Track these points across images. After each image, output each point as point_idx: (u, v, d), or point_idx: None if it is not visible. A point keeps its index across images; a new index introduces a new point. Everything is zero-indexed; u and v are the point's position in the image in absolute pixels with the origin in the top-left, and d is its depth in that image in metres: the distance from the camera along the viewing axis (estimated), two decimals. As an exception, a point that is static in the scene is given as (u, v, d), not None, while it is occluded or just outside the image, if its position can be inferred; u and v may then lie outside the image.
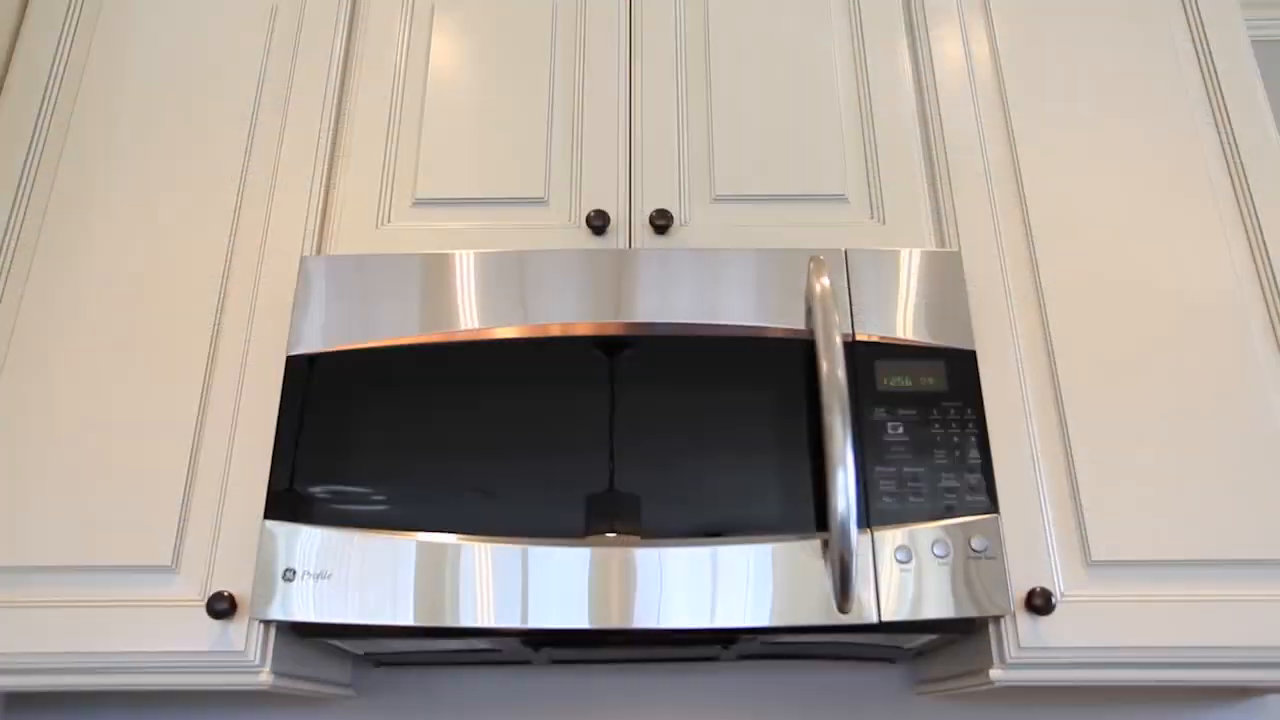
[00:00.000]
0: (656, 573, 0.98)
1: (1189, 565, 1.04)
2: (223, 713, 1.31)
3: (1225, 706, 1.30)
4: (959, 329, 1.10)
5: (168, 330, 1.16)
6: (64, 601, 1.04)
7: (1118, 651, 1.01)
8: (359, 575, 0.99)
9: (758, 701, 1.31)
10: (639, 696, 1.32)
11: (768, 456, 1.03)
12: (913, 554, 0.99)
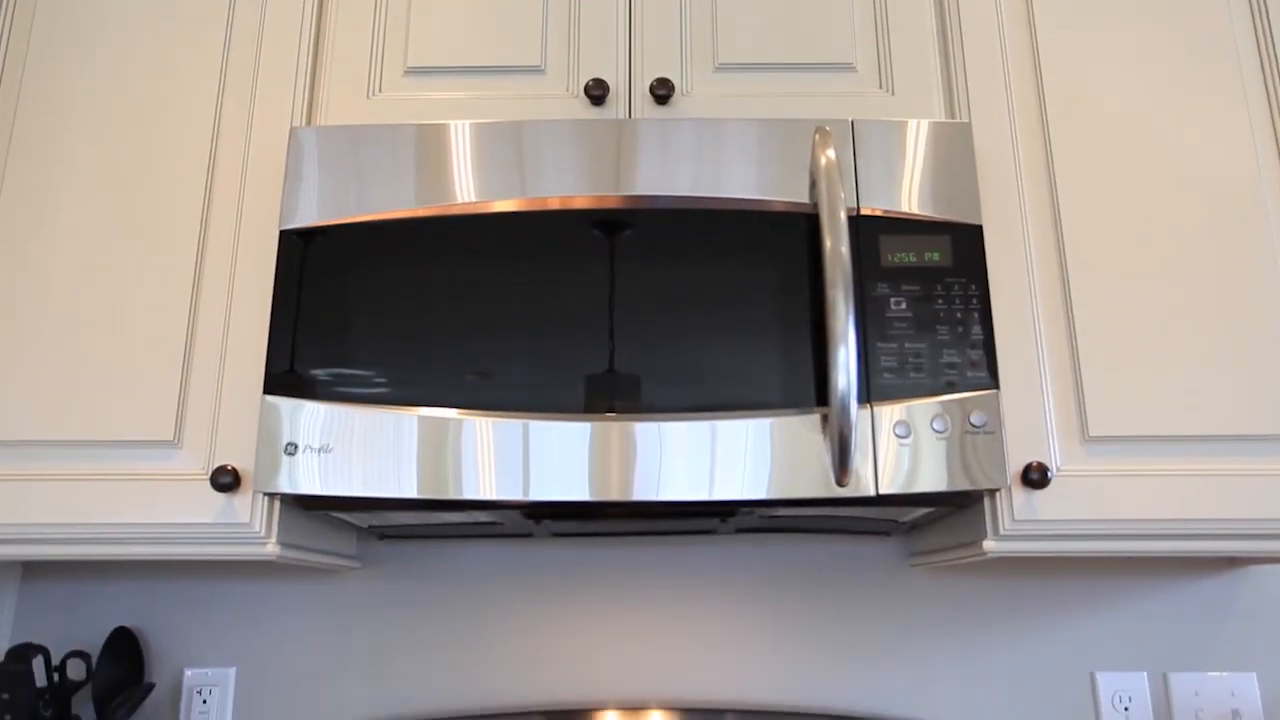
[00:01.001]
0: (656, 446, 0.99)
1: (1185, 441, 1.05)
2: (233, 582, 1.35)
3: (1211, 577, 1.33)
4: (966, 203, 1.07)
5: (157, 204, 1.14)
6: (69, 475, 1.05)
7: (1110, 524, 1.02)
8: (361, 449, 0.99)
9: (755, 574, 1.35)
10: (638, 569, 1.35)
11: (768, 332, 1.02)
12: (912, 429, 0.99)
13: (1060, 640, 1.32)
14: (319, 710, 1.31)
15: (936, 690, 1.30)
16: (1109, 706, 1.29)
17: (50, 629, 1.33)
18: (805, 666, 1.31)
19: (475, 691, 1.31)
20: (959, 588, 1.34)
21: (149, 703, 1.31)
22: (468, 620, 1.34)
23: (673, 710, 1.24)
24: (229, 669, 1.32)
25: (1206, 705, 1.28)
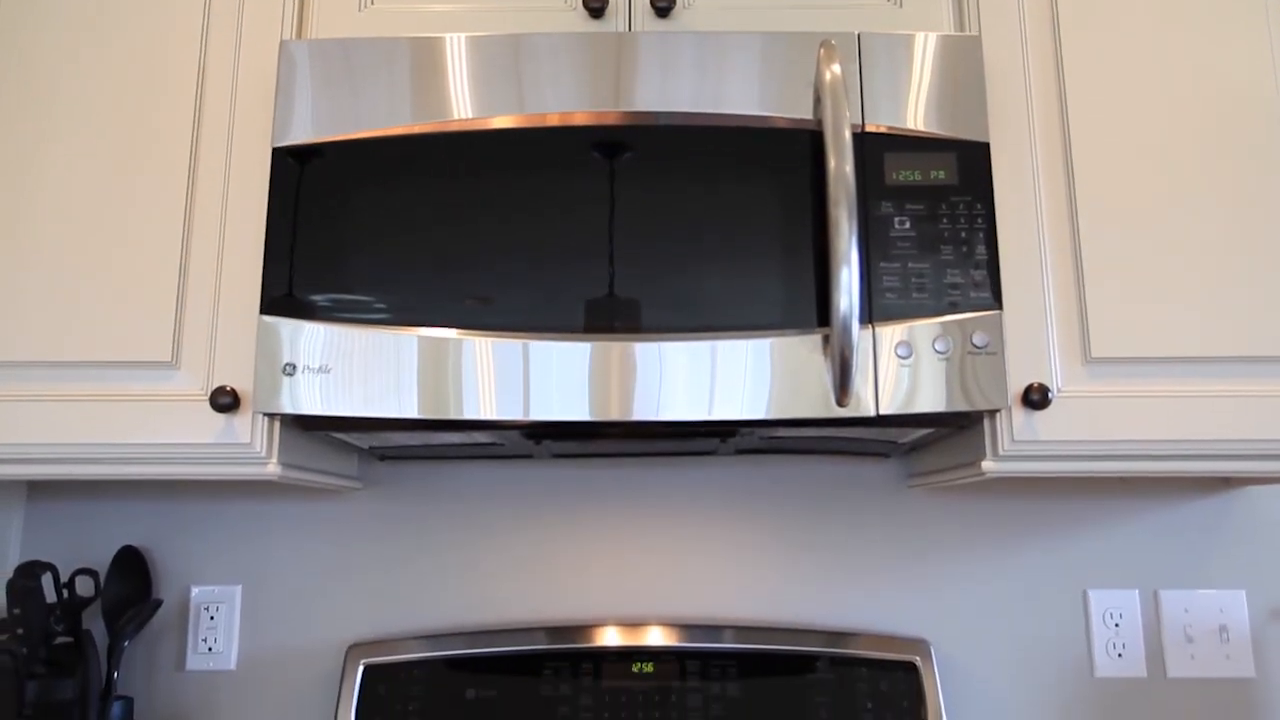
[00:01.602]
0: (656, 366, 0.98)
1: (1186, 362, 1.04)
2: (237, 501, 1.36)
3: (1205, 497, 1.34)
4: (973, 120, 1.05)
5: (147, 120, 1.11)
6: (69, 396, 1.05)
7: (1109, 445, 1.03)
8: (361, 370, 0.99)
9: (754, 494, 1.36)
10: (637, 489, 1.36)
11: (770, 253, 1.01)
12: (913, 349, 0.99)
13: (1054, 559, 1.34)
14: (324, 627, 1.33)
15: (932, 608, 1.33)
16: (1099, 623, 1.31)
17: (57, 548, 1.35)
18: (803, 585, 1.34)
19: (477, 609, 1.33)
20: (956, 508, 1.35)
21: (157, 619, 1.33)
22: (469, 540, 1.35)
23: (672, 627, 1.26)
24: (234, 586, 1.34)
25: (1195, 621, 1.30)
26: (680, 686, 1.22)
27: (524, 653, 1.24)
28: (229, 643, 1.33)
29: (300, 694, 1.32)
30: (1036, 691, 1.30)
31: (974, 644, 1.32)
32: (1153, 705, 1.30)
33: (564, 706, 1.21)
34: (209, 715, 1.31)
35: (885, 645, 1.25)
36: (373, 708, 1.22)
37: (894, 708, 1.21)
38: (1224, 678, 1.30)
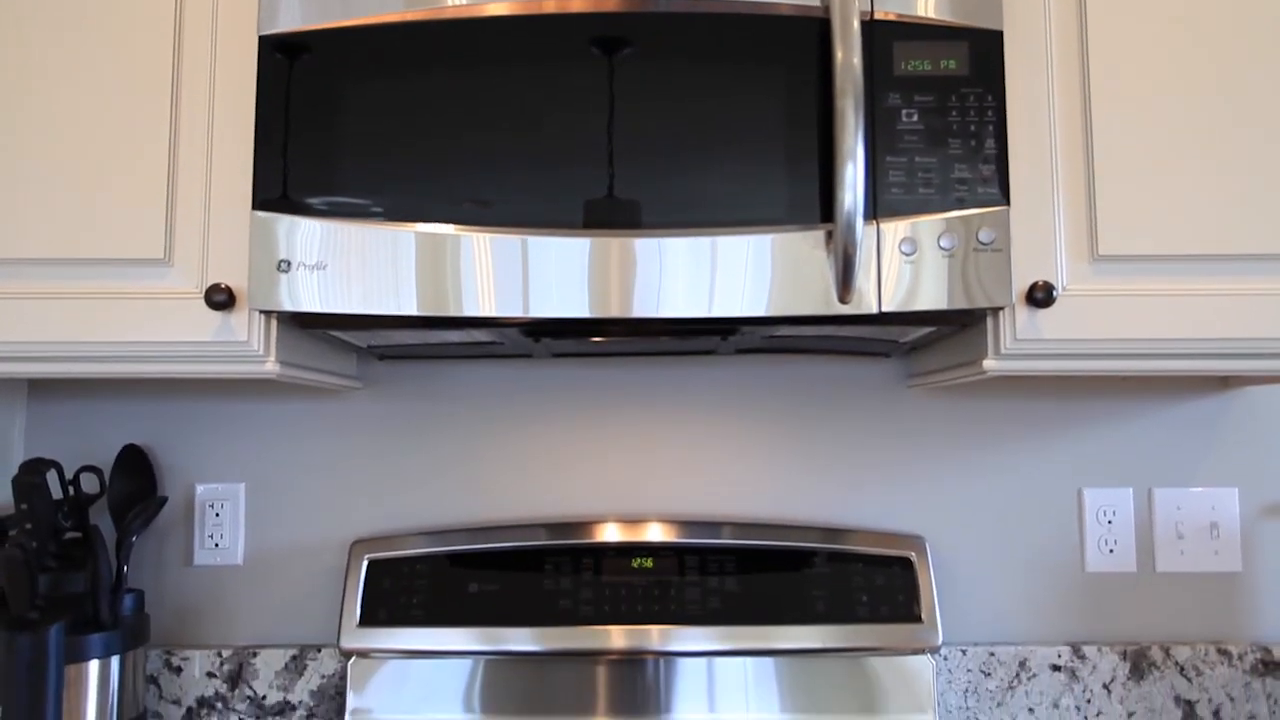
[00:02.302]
0: (656, 262, 0.97)
1: (1194, 260, 1.03)
2: (238, 401, 1.37)
3: (1203, 397, 1.35)
4: (987, 6, 1.01)
5: (126, 9, 1.07)
6: (62, 293, 1.04)
7: (1112, 343, 1.02)
8: (358, 266, 0.98)
9: (754, 393, 1.36)
10: (638, 389, 1.36)
11: (773, 146, 0.98)
12: (917, 246, 0.97)
13: (1050, 458, 1.35)
14: (327, 523, 1.35)
15: (929, 506, 1.34)
16: (1093, 520, 1.33)
17: (60, 448, 1.36)
18: (801, 483, 1.35)
19: (478, 506, 1.35)
20: (954, 408, 1.36)
21: (163, 516, 1.35)
22: (469, 438, 1.36)
23: (671, 523, 1.28)
24: (238, 484, 1.36)
25: (1186, 518, 1.32)
26: (679, 581, 1.24)
27: (525, 548, 1.26)
28: (235, 539, 1.35)
29: (306, 588, 1.34)
30: (1028, 585, 1.33)
31: (968, 540, 1.34)
32: (1140, 597, 1.33)
33: (565, 600, 1.23)
34: (218, 608, 1.34)
35: (881, 541, 1.27)
36: (377, 601, 1.25)
37: (889, 601, 1.24)
38: (1211, 572, 1.33)
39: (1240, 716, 1.29)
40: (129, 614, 1.21)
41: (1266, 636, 1.32)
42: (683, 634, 1.22)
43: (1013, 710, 1.29)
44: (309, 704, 1.30)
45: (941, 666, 1.30)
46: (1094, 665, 1.30)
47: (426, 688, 1.25)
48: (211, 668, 1.31)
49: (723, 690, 1.24)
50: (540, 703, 1.24)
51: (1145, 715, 1.29)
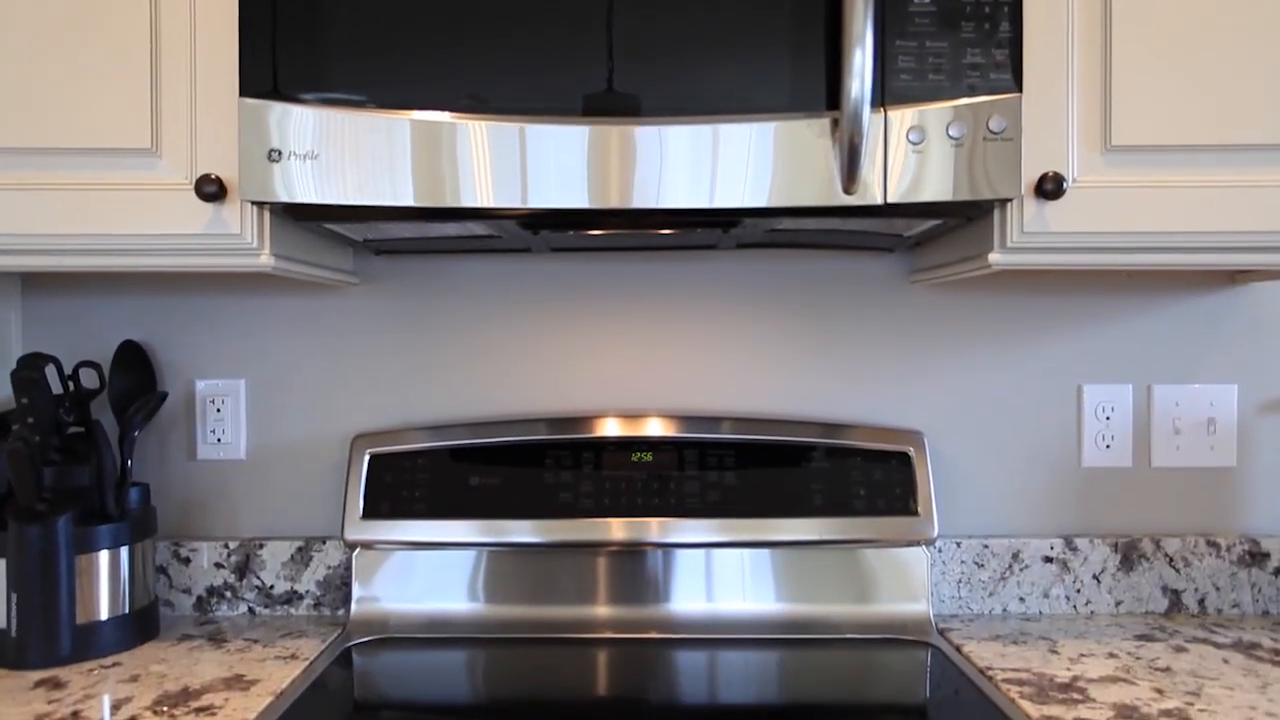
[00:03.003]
0: (656, 151, 0.94)
1: (1207, 150, 1.00)
2: (236, 297, 1.35)
3: (1209, 293, 1.34)
4: (1007, -122, 0.95)
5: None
6: (51, 184, 1.01)
7: (1121, 237, 1.00)
8: (352, 156, 0.95)
9: (755, 289, 1.35)
10: (638, 284, 1.35)
11: (777, 29, 0.94)
12: (926, 135, 0.95)
13: (1051, 355, 1.35)
14: (328, 419, 1.36)
15: (928, 401, 1.35)
16: (1091, 416, 1.34)
17: (57, 345, 1.35)
18: (802, 378, 1.35)
19: (478, 401, 1.35)
20: (956, 304, 1.35)
21: (165, 412, 1.35)
22: (469, 334, 1.36)
23: (671, 418, 1.29)
24: (238, 380, 1.36)
25: (1184, 414, 1.33)
26: (678, 475, 1.26)
27: (525, 443, 1.27)
28: (237, 434, 1.36)
29: (309, 482, 1.36)
30: (1023, 480, 1.35)
31: (967, 436, 1.35)
32: (1134, 492, 1.34)
33: (565, 493, 1.25)
34: (222, 502, 1.36)
35: (880, 436, 1.28)
36: (379, 494, 1.26)
37: (886, 495, 1.25)
38: (1206, 467, 1.34)
39: (1225, 605, 1.32)
40: (135, 507, 1.22)
41: (1255, 529, 1.34)
42: (682, 526, 1.23)
43: (1004, 600, 1.32)
44: (316, 594, 1.33)
45: (936, 558, 1.32)
46: (1085, 557, 1.32)
47: (431, 578, 1.27)
48: (219, 559, 1.33)
49: (720, 581, 1.27)
50: (542, 593, 1.27)
51: (1133, 604, 1.32)
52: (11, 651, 1.09)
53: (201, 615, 1.33)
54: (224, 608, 1.34)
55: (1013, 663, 1.11)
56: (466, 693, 1.05)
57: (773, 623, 1.25)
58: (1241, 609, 1.32)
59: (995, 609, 1.32)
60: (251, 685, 1.04)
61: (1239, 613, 1.32)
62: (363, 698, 1.02)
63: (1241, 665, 1.10)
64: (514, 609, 1.26)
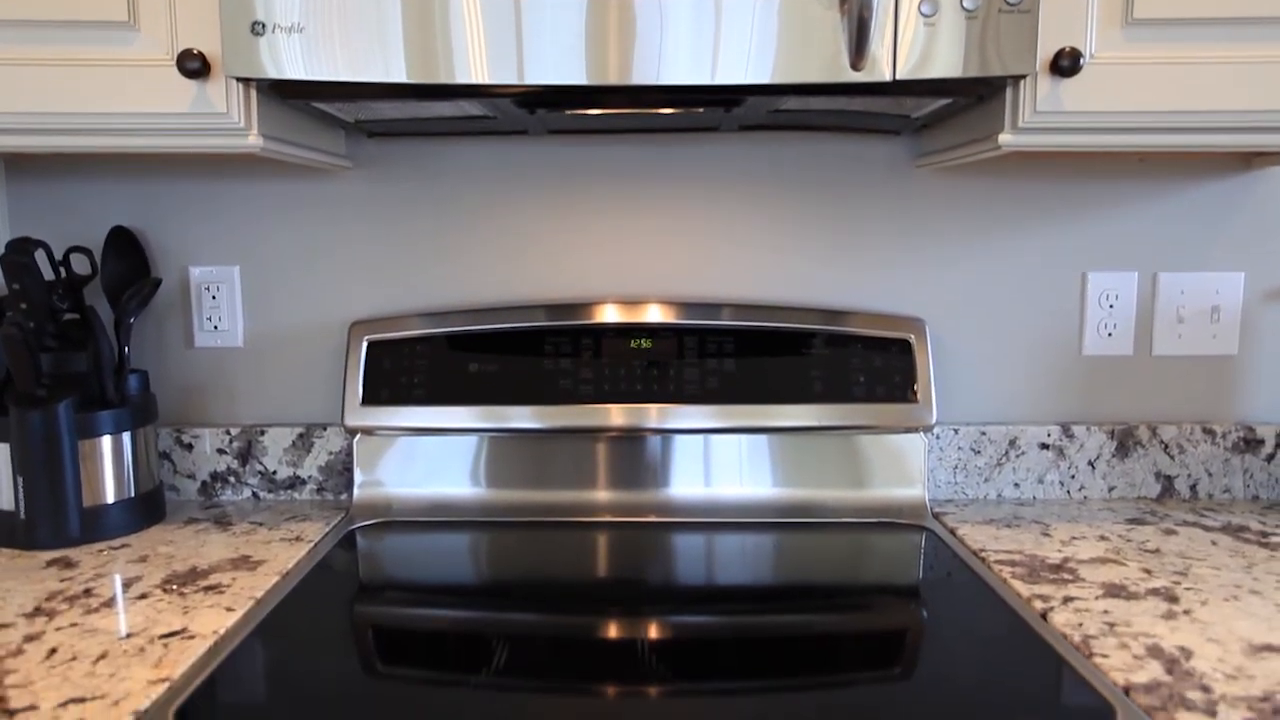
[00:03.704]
0: (656, 22, 0.90)
1: (1232, 24, 0.96)
2: (226, 182, 1.32)
3: (1222, 179, 1.31)
4: None
5: None
6: (24, 60, 0.97)
7: (1138, 116, 0.97)
8: (340, 27, 0.91)
9: (757, 173, 1.32)
10: (638, 168, 1.32)
11: (788, -111, 0.89)
12: (938, 7, 0.90)
13: (1057, 242, 1.32)
14: (325, 306, 1.35)
15: (930, 288, 1.33)
16: (1094, 304, 1.32)
17: (44, 232, 1.33)
18: (803, 264, 1.33)
19: (477, 288, 1.34)
20: (962, 189, 1.32)
21: (161, 299, 1.34)
22: (465, 219, 1.33)
23: (671, 304, 1.28)
24: (232, 267, 1.34)
25: (1189, 302, 1.32)
26: (678, 361, 1.25)
27: (524, 329, 1.26)
28: (234, 321, 1.35)
29: (308, 369, 1.36)
30: (1024, 368, 1.35)
31: (968, 324, 1.34)
32: (1133, 380, 1.34)
33: (564, 380, 1.25)
34: (222, 389, 1.36)
35: (881, 323, 1.27)
36: (378, 381, 1.26)
37: (885, 382, 1.25)
38: (1206, 355, 1.33)
39: (1216, 490, 1.34)
40: (135, 393, 1.22)
41: (1252, 417, 1.35)
42: (681, 412, 1.24)
43: (999, 485, 1.34)
44: (318, 479, 1.35)
45: (933, 445, 1.33)
46: (1081, 444, 1.33)
47: (432, 463, 1.28)
48: (222, 445, 1.34)
49: (718, 466, 1.28)
50: (543, 478, 1.28)
51: (1126, 489, 1.34)
52: (22, 533, 1.11)
53: (206, 500, 1.35)
54: (228, 492, 1.35)
55: (1005, 545, 1.13)
56: (469, 574, 1.07)
57: (770, 507, 1.27)
58: (1232, 494, 1.34)
59: (990, 494, 1.34)
60: (258, 565, 1.06)
61: (1229, 498, 1.34)
62: (367, 578, 1.05)
63: (1229, 547, 1.12)
64: (515, 494, 1.28)
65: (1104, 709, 0.72)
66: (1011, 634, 0.87)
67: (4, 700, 0.73)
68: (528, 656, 0.82)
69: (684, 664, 0.81)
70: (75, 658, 0.81)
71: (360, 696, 0.76)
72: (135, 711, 0.72)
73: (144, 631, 0.87)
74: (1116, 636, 0.86)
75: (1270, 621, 0.89)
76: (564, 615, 0.92)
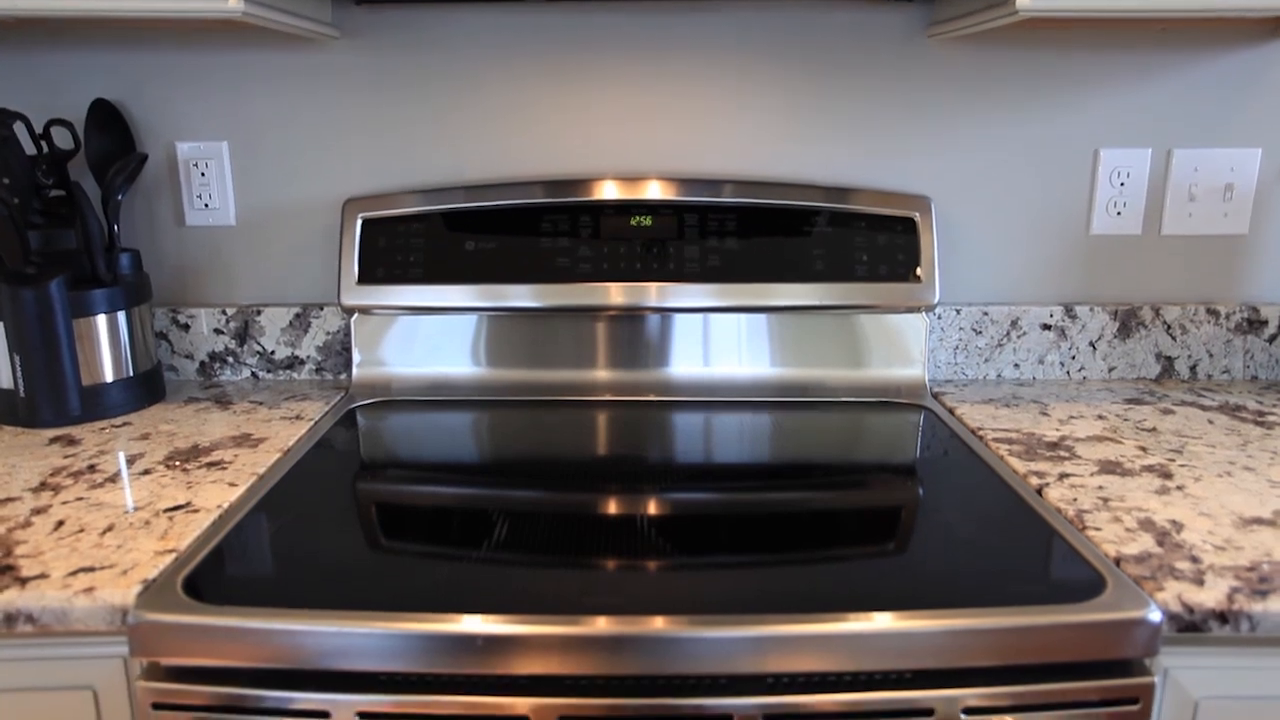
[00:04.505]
0: None
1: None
2: (209, 53, 1.27)
3: (1246, 50, 1.25)
4: None
5: None
6: (-13, -85, 0.92)
7: (1161, -23, 0.92)
8: (314, -119, 0.85)
9: (763, 45, 1.26)
10: (637, 37, 1.26)
11: None
12: None
13: (1070, 117, 1.28)
14: (318, 182, 1.31)
15: (937, 165, 1.30)
16: (1105, 182, 1.29)
17: (22, 105, 1.28)
18: (808, 140, 1.29)
19: (472, 164, 1.31)
20: (973, 61, 1.27)
21: (149, 177, 1.31)
22: (460, 93, 1.29)
23: (671, 180, 1.25)
24: (220, 143, 1.30)
25: (1202, 180, 1.29)
26: (678, 239, 1.23)
27: (521, 206, 1.24)
28: (224, 199, 1.32)
29: (303, 248, 1.34)
30: (1029, 248, 1.33)
31: (975, 202, 1.31)
32: (1140, 260, 1.33)
33: (563, 258, 1.23)
34: (216, 268, 1.34)
35: (886, 201, 1.24)
36: (374, 259, 1.24)
37: (889, 261, 1.23)
38: (1216, 234, 1.31)
39: (1216, 370, 1.34)
40: (128, 272, 1.21)
41: (1258, 297, 1.34)
42: (680, 290, 1.22)
43: (998, 366, 1.34)
44: (317, 359, 1.35)
45: (935, 325, 1.32)
46: (1084, 324, 1.32)
47: (431, 343, 1.28)
48: (219, 325, 1.34)
49: (718, 345, 1.27)
50: (542, 357, 1.28)
51: (1125, 370, 1.34)
52: (23, 410, 1.11)
53: (206, 380, 1.35)
54: (227, 373, 1.35)
55: (1003, 424, 1.13)
56: (469, 451, 1.08)
57: (769, 386, 1.27)
58: (1231, 375, 1.34)
59: (990, 375, 1.34)
60: (259, 443, 1.07)
61: (1228, 378, 1.34)
62: (368, 455, 1.05)
63: (1225, 425, 1.12)
64: (514, 373, 1.28)
65: (1095, 579, 0.74)
66: (1006, 509, 0.89)
67: (15, 569, 0.75)
68: (528, 531, 0.83)
69: (682, 539, 0.82)
70: (83, 530, 0.83)
71: (364, 567, 0.77)
72: (144, 580, 0.73)
73: (149, 505, 0.88)
74: (1110, 511, 0.87)
75: (1261, 496, 0.90)
76: (564, 492, 0.93)
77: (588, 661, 0.67)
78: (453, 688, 0.69)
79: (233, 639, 0.69)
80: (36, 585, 0.72)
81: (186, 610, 0.70)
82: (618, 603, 0.70)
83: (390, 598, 0.71)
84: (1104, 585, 0.73)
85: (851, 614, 0.68)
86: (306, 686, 0.69)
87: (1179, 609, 0.70)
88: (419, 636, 0.67)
